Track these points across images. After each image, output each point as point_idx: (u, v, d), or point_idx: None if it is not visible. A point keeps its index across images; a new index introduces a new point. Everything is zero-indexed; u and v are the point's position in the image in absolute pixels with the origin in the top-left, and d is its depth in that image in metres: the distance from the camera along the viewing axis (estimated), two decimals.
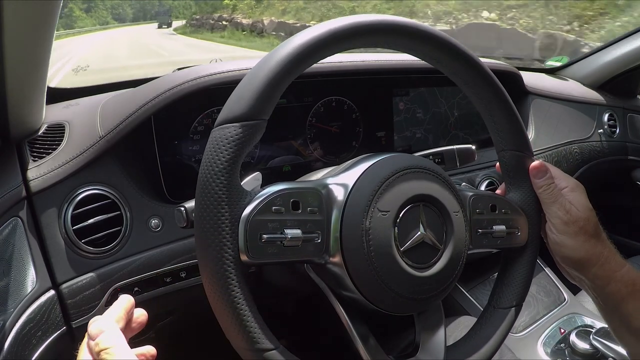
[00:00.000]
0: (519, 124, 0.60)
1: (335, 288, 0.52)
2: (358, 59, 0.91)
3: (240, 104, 0.44)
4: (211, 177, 0.43)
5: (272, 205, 0.45)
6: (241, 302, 0.43)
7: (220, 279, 0.43)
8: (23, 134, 0.71)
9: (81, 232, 0.66)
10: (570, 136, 1.30)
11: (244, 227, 0.43)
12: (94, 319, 0.44)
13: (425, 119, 1.06)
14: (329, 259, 0.49)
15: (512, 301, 0.60)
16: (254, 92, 0.44)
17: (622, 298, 0.58)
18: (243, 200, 0.44)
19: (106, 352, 0.40)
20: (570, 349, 0.95)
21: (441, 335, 0.56)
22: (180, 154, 0.78)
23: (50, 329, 0.64)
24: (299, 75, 0.47)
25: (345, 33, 0.48)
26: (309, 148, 0.90)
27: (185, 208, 0.48)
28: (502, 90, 0.58)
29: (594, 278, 0.59)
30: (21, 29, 0.51)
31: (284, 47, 0.46)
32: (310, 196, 0.48)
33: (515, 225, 0.59)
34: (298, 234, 0.46)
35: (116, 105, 0.74)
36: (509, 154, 0.61)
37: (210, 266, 0.43)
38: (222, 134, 0.44)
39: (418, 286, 0.50)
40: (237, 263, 0.43)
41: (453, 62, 0.55)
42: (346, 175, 0.51)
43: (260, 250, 0.44)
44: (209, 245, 0.43)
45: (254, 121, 0.44)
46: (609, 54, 1.47)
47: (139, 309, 0.50)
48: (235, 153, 0.43)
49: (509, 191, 0.63)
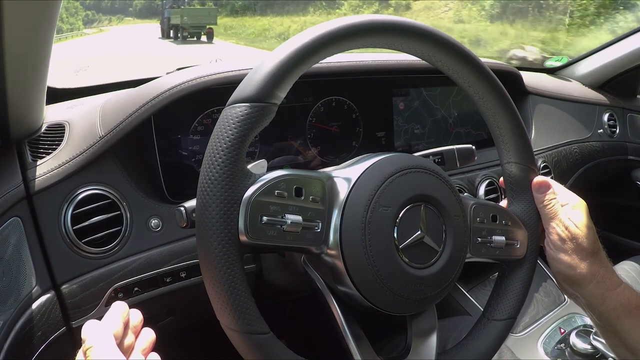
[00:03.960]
0: (525, 137, 0.60)
1: (331, 282, 0.52)
2: (358, 59, 0.91)
3: (252, 85, 0.45)
4: (218, 154, 0.43)
5: (275, 189, 0.45)
6: (236, 281, 0.43)
7: (217, 255, 0.42)
8: (23, 133, 0.71)
9: (81, 232, 0.66)
10: (570, 136, 1.30)
11: (245, 207, 0.43)
12: (87, 322, 0.46)
13: (425, 118, 1.06)
14: (327, 250, 0.49)
15: (506, 314, 0.60)
16: (267, 74, 0.45)
17: (617, 317, 0.58)
18: (247, 180, 0.44)
19: (90, 350, 0.43)
20: (570, 349, 0.95)
21: (433, 341, 0.56)
22: (180, 154, 0.78)
23: (50, 329, 0.64)
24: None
25: (364, 28, 0.49)
26: (309, 148, 0.90)
27: (185, 208, 0.48)
28: (511, 103, 0.59)
29: (589, 296, 0.59)
30: (21, 29, 0.51)
31: (302, 36, 0.47)
32: (314, 185, 0.48)
33: (515, 238, 0.59)
34: (299, 220, 0.46)
35: (116, 105, 0.74)
36: (513, 167, 0.61)
37: (208, 241, 0.43)
38: (231, 113, 0.44)
39: (414, 285, 0.50)
40: (236, 242, 0.43)
41: (464, 70, 0.56)
42: (351, 169, 0.52)
43: (260, 231, 0.44)
44: (209, 221, 0.43)
45: (264, 103, 0.44)
46: (609, 54, 1.47)
47: (134, 310, 0.51)
48: (244, 132, 0.44)
49: (511, 204, 0.63)
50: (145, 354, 0.49)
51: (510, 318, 0.60)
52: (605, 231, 1.59)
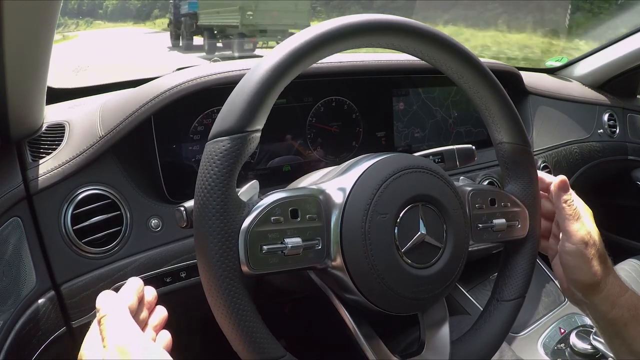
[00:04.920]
0: (515, 115, 0.60)
1: (339, 291, 0.52)
2: (358, 59, 0.91)
3: (231, 117, 0.44)
4: (208, 193, 0.43)
5: (271, 216, 0.45)
6: (246, 314, 0.43)
7: (223, 293, 0.43)
8: (23, 133, 0.71)
9: (81, 232, 0.66)
10: (570, 136, 1.30)
11: (244, 240, 0.43)
12: (102, 292, 0.48)
13: (426, 118, 1.06)
14: (331, 264, 0.49)
15: (515, 293, 0.60)
16: (244, 103, 0.43)
17: (624, 323, 0.58)
18: (241, 212, 0.44)
19: (104, 319, 0.45)
20: (570, 349, 0.95)
21: (446, 332, 0.56)
22: (180, 154, 0.78)
23: (50, 329, 0.64)
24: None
25: (333, 35, 0.47)
26: (309, 148, 0.90)
27: (185, 208, 0.48)
28: (497, 83, 0.58)
29: (599, 303, 0.59)
30: (21, 29, 0.51)
31: (271, 56, 0.45)
32: (308, 203, 0.48)
33: (515, 218, 0.60)
34: (298, 243, 0.46)
35: (116, 105, 0.74)
36: (506, 146, 0.61)
37: (213, 281, 0.43)
38: (214, 148, 0.43)
39: (421, 286, 0.50)
40: (239, 276, 0.43)
41: (445, 55, 0.55)
42: (343, 178, 0.51)
43: (262, 261, 0.44)
44: (210, 261, 0.43)
45: (245, 133, 0.44)
46: (609, 54, 1.47)
47: (149, 287, 0.52)
48: (229, 166, 0.43)
49: (508, 183, 0.63)
50: (157, 331, 0.50)
51: (519, 297, 0.60)
52: (605, 231, 1.59)
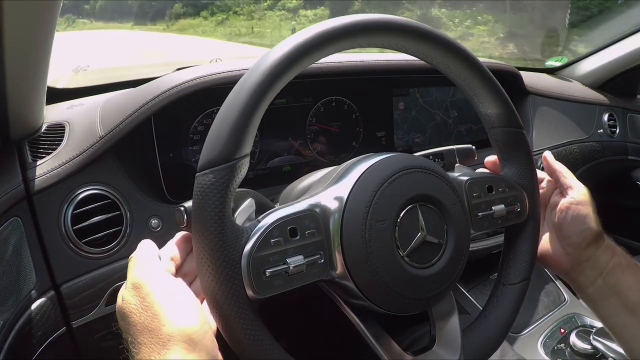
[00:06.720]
0: (505, 99, 0.60)
1: (345, 297, 0.52)
2: (358, 59, 0.91)
3: (216, 148, 0.43)
4: (204, 226, 0.42)
5: (270, 239, 0.45)
6: (260, 339, 0.43)
7: (235, 323, 0.43)
8: (23, 133, 0.71)
9: (81, 232, 0.66)
10: (570, 136, 1.30)
11: (247, 266, 0.43)
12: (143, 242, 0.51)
13: (426, 118, 1.06)
14: (335, 274, 0.49)
15: (520, 276, 0.60)
16: (227, 133, 0.43)
17: (622, 271, 0.61)
18: (240, 239, 0.44)
19: (131, 260, 0.48)
20: (570, 349, 0.95)
21: (455, 322, 0.56)
22: (180, 154, 0.78)
23: (50, 329, 0.64)
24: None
25: (313, 44, 0.45)
26: (308, 148, 0.90)
27: (185, 208, 0.48)
28: (484, 68, 0.58)
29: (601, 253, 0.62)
30: (21, 29, 0.51)
31: (249, 77, 0.44)
32: (306, 219, 0.47)
33: (514, 202, 0.60)
34: (300, 261, 0.45)
35: (116, 105, 0.74)
36: (498, 131, 0.61)
37: (223, 311, 0.43)
38: (204, 181, 0.43)
39: (426, 285, 0.50)
40: (247, 303, 0.43)
41: (427, 46, 0.54)
42: (338, 187, 0.51)
43: (267, 285, 0.44)
44: (216, 293, 0.43)
45: (234, 161, 0.43)
46: (609, 54, 1.47)
47: None
48: (221, 196, 0.43)
49: (504, 167, 0.63)
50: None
51: (524, 280, 0.60)
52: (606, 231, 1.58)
